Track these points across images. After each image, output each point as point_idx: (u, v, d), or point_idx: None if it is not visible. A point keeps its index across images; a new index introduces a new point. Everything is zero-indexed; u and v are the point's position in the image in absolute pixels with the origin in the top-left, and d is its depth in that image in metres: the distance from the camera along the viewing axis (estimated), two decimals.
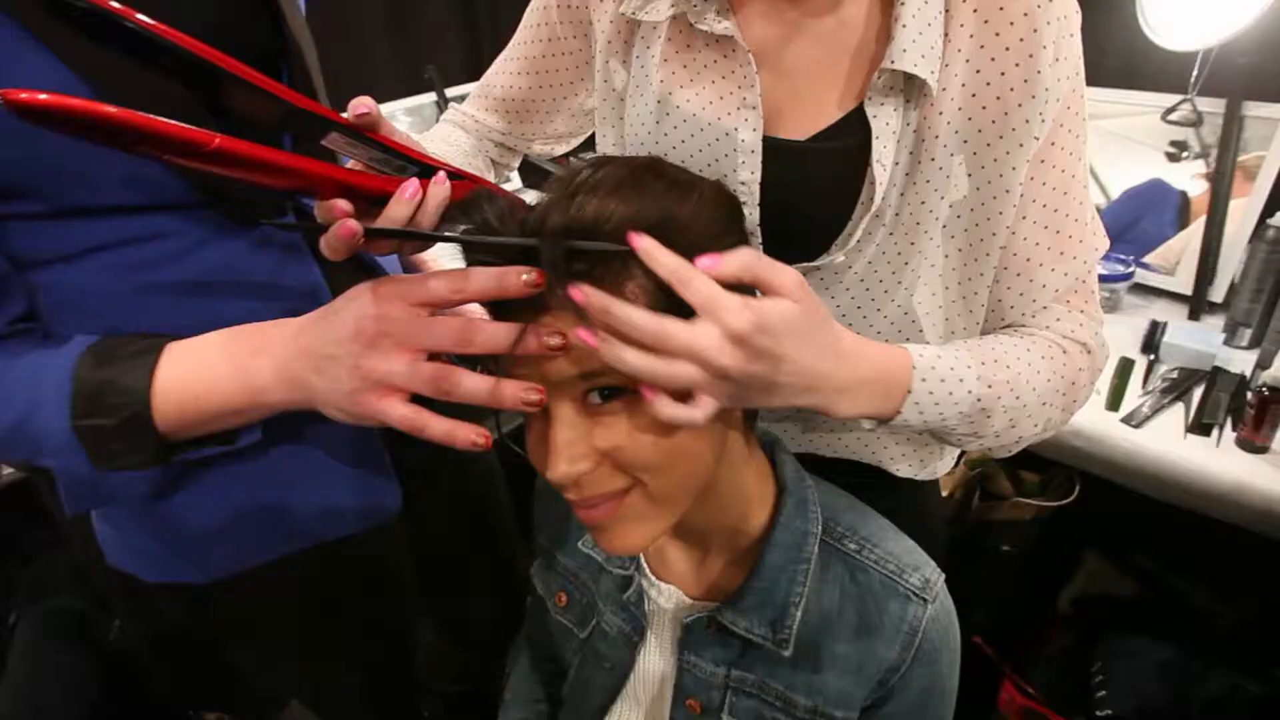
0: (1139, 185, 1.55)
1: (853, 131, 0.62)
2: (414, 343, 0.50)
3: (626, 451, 0.51)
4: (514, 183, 2.07)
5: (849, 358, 0.52)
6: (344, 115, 0.52)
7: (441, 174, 0.55)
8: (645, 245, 0.45)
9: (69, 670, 1.19)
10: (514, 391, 0.49)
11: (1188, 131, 1.49)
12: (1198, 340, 1.30)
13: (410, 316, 0.50)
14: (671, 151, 0.68)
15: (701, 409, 0.48)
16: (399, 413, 0.51)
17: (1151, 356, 1.31)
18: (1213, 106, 1.45)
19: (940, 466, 0.82)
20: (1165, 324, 1.36)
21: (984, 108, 0.59)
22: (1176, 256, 1.50)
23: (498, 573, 1.06)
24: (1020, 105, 0.58)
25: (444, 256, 0.88)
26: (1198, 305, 1.44)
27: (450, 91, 1.94)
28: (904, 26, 0.57)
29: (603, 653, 0.73)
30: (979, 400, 0.58)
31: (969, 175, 0.61)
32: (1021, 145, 0.59)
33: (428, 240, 0.56)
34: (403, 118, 1.85)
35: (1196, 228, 1.46)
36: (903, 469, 0.79)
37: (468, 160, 0.89)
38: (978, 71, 0.58)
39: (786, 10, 0.62)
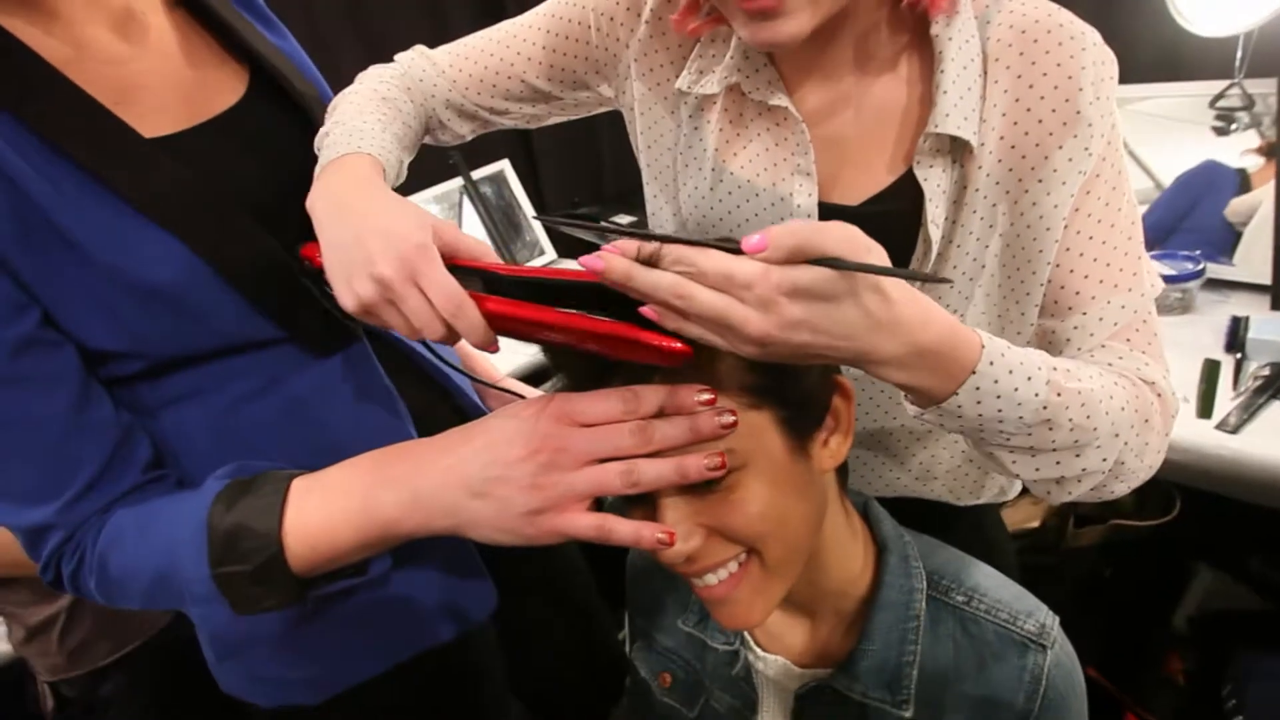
0: (1191, 170, 1.55)
1: (904, 194, 0.67)
2: (592, 454, 0.54)
3: (734, 524, 0.56)
4: (549, 254, 2.15)
5: (905, 325, 0.49)
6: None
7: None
8: (616, 269, 0.47)
9: None
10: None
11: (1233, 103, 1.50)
12: None
13: (579, 430, 0.54)
14: (728, 216, 0.73)
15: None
16: (586, 522, 0.55)
17: (1238, 355, 1.31)
18: (1263, 87, 1.46)
19: (989, 487, 0.85)
20: (1247, 318, 1.36)
21: (1023, 156, 0.64)
22: (1246, 215, 1.49)
23: (590, 650, 1.10)
24: (1061, 146, 0.63)
25: None
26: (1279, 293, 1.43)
27: (476, 174, 2.05)
28: (945, 92, 0.62)
29: None
30: (1045, 407, 0.55)
31: (1007, 219, 0.66)
32: (1065, 183, 0.64)
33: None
34: (432, 205, 1.97)
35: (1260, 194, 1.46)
36: (965, 499, 0.83)
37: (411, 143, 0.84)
38: (1015, 123, 0.64)
39: (833, 81, 0.68)
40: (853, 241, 0.46)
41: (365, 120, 0.72)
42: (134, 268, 0.59)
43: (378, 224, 0.59)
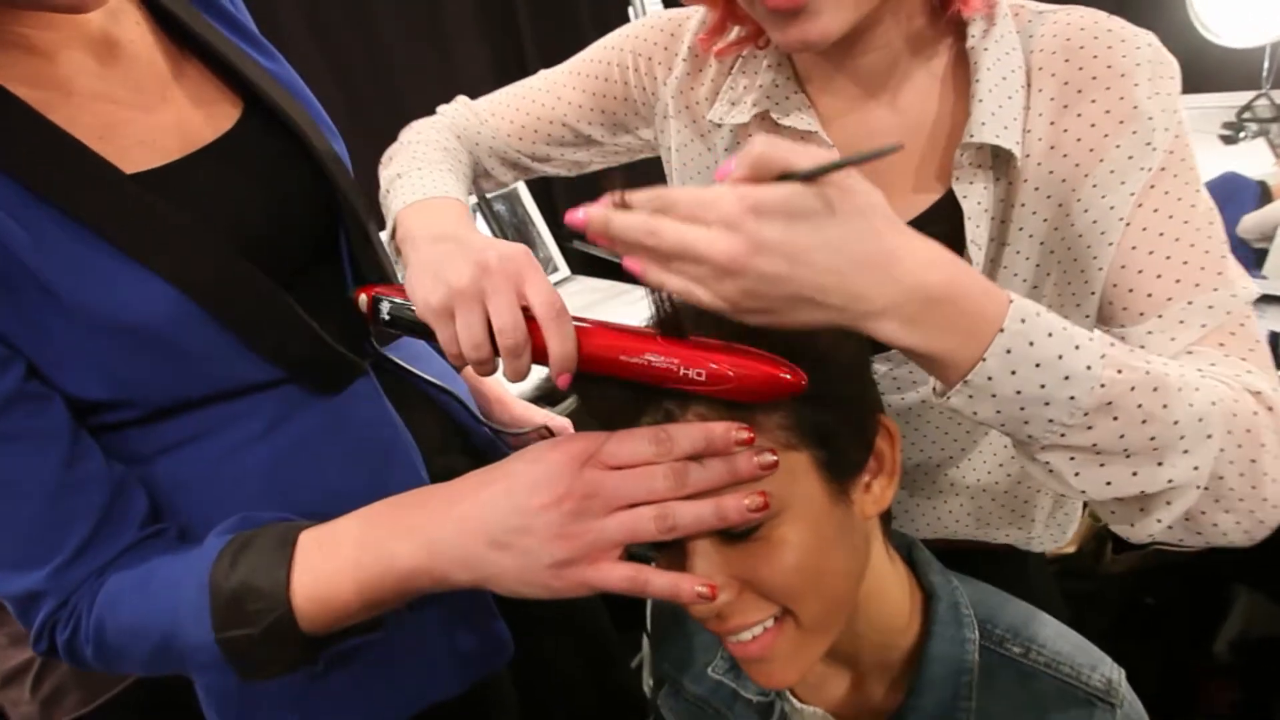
0: (1210, 181, 1.52)
1: (944, 217, 0.63)
2: (623, 499, 0.50)
3: (768, 576, 0.52)
4: (562, 271, 2.13)
5: (901, 263, 0.44)
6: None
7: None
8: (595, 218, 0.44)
9: None
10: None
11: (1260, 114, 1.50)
12: None
13: (608, 473, 0.51)
14: None
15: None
16: (619, 574, 0.51)
17: (1276, 371, 1.27)
18: None
19: (1039, 523, 0.80)
20: None
21: (1076, 164, 0.60)
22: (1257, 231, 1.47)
23: (603, 681, 1.06)
24: (1119, 145, 0.58)
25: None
26: None
27: (490, 193, 2.02)
28: (980, 101, 0.59)
29: None
30: (1102, 385, 0.45)
31: (1058, 233, 0.62)
32: (1124, 183, 0.59)
33: None
34: None
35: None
36: (1013, 534, 0.79)
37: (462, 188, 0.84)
38: (1064, 130, 0.60)
39: (865, 104, 0.66)
40: (825, 159, 0.42)
41: (439, 169, 0.75)
42: (119, 312, 0.56)
43: (479, 242, 0.57)
